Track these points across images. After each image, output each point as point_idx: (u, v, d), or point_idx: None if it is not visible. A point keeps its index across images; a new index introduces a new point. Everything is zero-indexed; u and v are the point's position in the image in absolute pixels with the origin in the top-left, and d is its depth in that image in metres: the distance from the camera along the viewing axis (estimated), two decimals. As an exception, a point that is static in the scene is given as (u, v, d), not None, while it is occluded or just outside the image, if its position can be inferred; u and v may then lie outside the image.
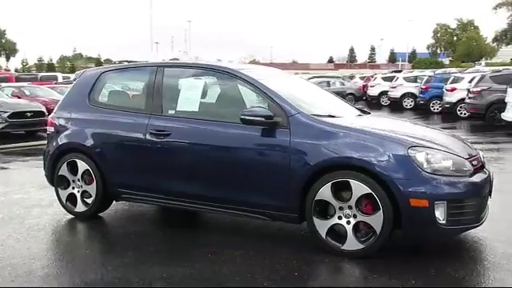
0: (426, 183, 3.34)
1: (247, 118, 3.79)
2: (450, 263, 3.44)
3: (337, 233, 3.59)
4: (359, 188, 3.45)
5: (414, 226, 3.42)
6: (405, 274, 3.26)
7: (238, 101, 4.22)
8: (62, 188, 4.69)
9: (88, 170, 4.49)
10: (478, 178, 3.55)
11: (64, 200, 4.69)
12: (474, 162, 3.67)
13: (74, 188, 4.64)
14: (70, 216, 4.70)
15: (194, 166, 4.10)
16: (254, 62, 64.83)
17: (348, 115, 4.34)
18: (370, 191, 3.41)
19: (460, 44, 63.23)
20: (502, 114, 11.79)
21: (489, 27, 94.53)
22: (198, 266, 3.43)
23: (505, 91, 11.98)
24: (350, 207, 3.52)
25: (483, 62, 50.52)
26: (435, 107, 18.88)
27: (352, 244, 3.52)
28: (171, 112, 4.30)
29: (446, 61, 63.62)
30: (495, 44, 59.51)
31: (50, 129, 4.91)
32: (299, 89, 4.78)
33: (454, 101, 16.16)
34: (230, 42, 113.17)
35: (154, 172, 4.25)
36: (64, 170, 4.63)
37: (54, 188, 4.80)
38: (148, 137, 4.21)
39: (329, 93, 5.20)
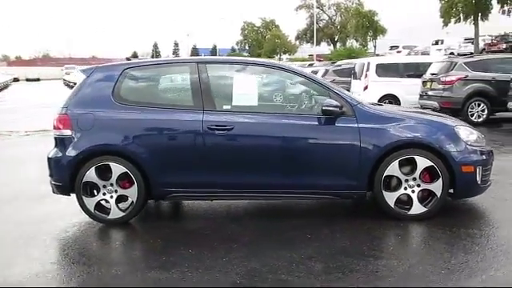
0: (470, 153, 4.29)
1: (328, 108, 4.23)
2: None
3: (402, 201, 4.30)
4: (423, 162, 4.19)
5: (464, 187, 4.32)
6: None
7: (299, 95, 4.68)
8: (89, 196, 4.30)
9: (126, 172, 4.22)
10: (489, 148, 4.57)
11: (92, 208, 4.30)
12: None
13: (105, 194, 4.30)
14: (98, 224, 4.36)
15: (266, 156, 4.28)
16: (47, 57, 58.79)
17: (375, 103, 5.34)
18: (432, 164, 4.19)
19: (266, 41, 69.19)
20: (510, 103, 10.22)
21: (292, 26, 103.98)
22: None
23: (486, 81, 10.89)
24: (414, 179, 4.23)
25: (285, 57, 57.62)
26: None
27: (417, 208, 4.26)
28: (226, 107, 4.37)
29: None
30: (297, 41, 67.43)
31: (65, 131, 4.31)
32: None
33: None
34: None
35: (214, 167, 4.25)
36: (91, 176, 4.24)
37: (76, 197, 4.32)
38: (206, 132, 4.20)
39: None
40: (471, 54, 19.84)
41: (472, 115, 11.10)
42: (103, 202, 4.35)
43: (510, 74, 10.42)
